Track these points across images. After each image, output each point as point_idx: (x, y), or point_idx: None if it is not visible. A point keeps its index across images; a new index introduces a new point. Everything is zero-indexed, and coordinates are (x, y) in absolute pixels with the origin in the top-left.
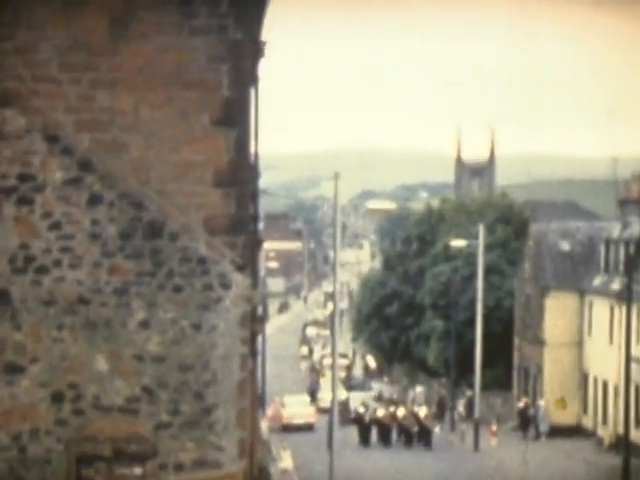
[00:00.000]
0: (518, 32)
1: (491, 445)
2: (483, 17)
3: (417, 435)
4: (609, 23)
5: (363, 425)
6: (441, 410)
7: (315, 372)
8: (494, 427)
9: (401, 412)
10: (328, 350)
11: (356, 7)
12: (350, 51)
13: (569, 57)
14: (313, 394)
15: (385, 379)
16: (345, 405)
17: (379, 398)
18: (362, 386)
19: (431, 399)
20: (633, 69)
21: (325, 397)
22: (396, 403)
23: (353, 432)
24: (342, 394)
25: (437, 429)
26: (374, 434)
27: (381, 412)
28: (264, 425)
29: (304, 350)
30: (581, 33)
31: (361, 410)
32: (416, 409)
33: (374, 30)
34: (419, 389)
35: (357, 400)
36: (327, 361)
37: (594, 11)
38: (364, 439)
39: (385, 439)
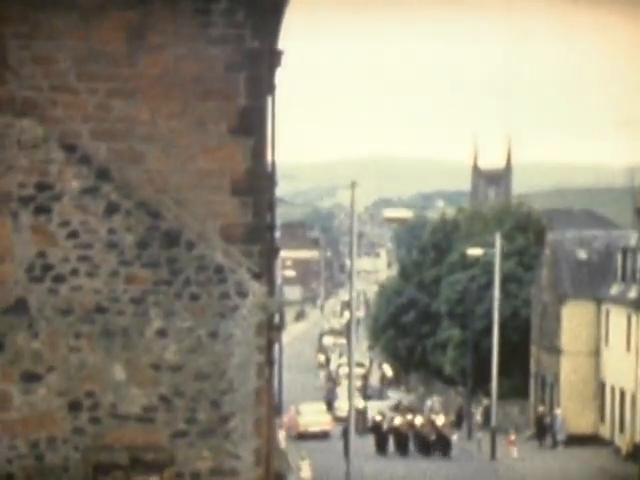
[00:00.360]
0: (534, 39)
1: (510, 454)
2: (501, 22)
3: (435, 444)
4: (625, 28)
5: (380, 434)
6: (459, 419)
7: (332, 381)
8: (512, 436)
9: (419, 420)
10: (345, 359)
11: (373, 15)
12: (367, 59)
13: (586, 64)
14: (330, 403)
15: (402, 388)
16: (362, 414)
17: (397, 407)
18: (379, 395)
19: (448, 408)
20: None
21: (342, 406)
22: (414, 411)
23: (370, 441)
24: (359, 403)
25: (455, 437)
26: (391, 443)
27: (398, 420)
28: (282, 434)
29: (321, 359)
30: (600, 38)
31: (378, 419)
32: (433, 417)
33: (391, 38)
34: (436, 398)
35: (374, 409)
36: (343, 370)
37: (608, 15)
38: (381, 448)
39: (402, 448)
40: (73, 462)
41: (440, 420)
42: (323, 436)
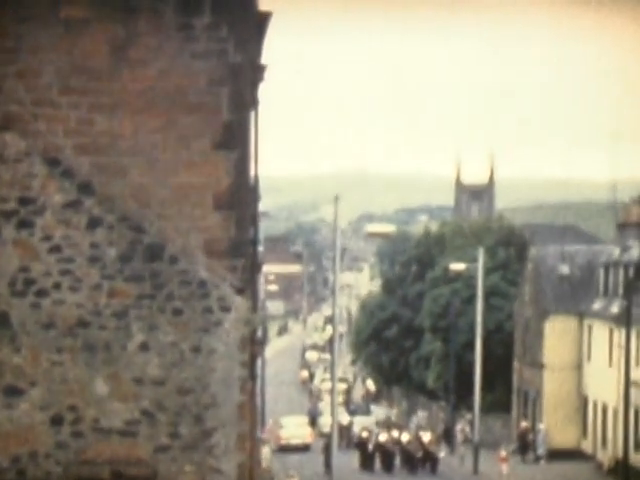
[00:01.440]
0: (517, 52)
1: (501, 471)
2: (485, 36)
3: (421, 460)
4: (613, 38)
5: (366, 450)
6: (447, 435)
7: (315, 396)
8: (504, 453)
9: (405, 437)
10: (328, 375)
11: (357, 29)
12: (350, 74)
13: (571, 78)
14: (314, 419)
15: (385, 403)
16: (347, 430)
17: (383, 423)
18: (364, 410)
19: (431, 422)
20: (633, 91)
21: (326, 422)
22: (400, 427)
23: (353, 457)
24: (345, 419)
25: (442, 454)
26: (377, 459)
27: (384, 437)
28: (267, 450)
29: (304, 374)
30: (582, 48)
31: (364, 435)
32: (420, 434)
33: (375, 53)
34: (422, 413)
35: (360, 425)
36: (325, 385)
37: (600, 26)
38: (367, 464)
39: (388, 464)
40: (55, 477)
41: (427, 437)
42: (304, 449)
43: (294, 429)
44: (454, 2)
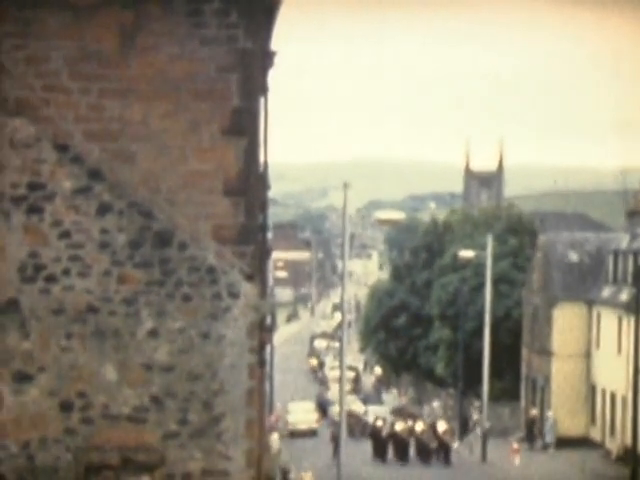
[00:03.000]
0: (527, 42)
1: (513, 462)
2: (492, 23)
3: (435, 451)
4: (620, 30)
5: (379, 440)
6: (465, 426)
7: (325, 384)
8: (516, 445)
9: (419, 427)
10: (337, 362)
11: (368, 17)
12: (360, 60)
13: (578, 67)
14: (324, 408)
15: (394, 391)
16: (360, 419)
17: (397, 411)
18: (376, 399)
19: (445, 412)
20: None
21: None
22: (414, 417)
23: (366, 446)
24: (359, 407)
25: (456, 445)
26: (391, 449)
27: (399, 426)
28: (275, 437)
29: (313, 362)
30: (591, 42)
31: (379, 424)
32: (436, 423)
33: (384, 39)
34: (437, 403)
35: (373, 413)
36: (333, 374)
37: (610, 17)
38: (380, 454)
39: (402, 455)
40: (64, 462)
41: (441, 426)
42: (311, 434)
43: (301, 414)
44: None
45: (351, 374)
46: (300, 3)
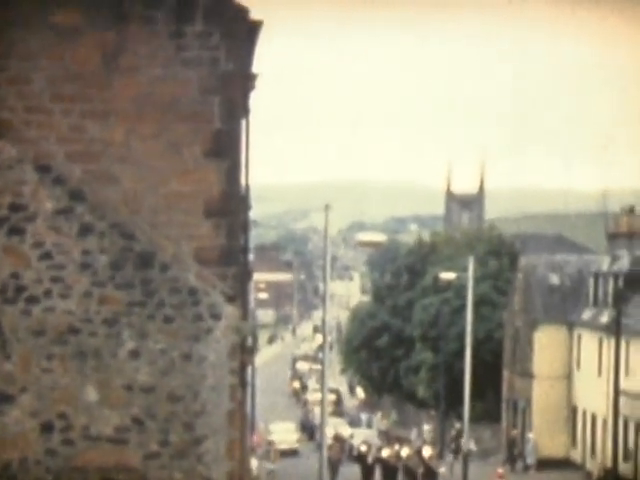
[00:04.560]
0: (506, 65)
1: None
2: (469, 46)
3: (422, 476)
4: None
5: (366, 465)
6: (457, 448)
7: (309, 407)
8: (501, 470)
9: (405, 452)
10: (318, 385)
11: (349, 36)
12: (341, 82)
13: (560, 89)
14: (311, 430)
15: (379, 414)
16: (344, 443)
17: (383, 435)
18: (364, 422)
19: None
20: (625, 101)
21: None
22: (401, 441)
23: (352, 470)
24: (345, 431)
25: (443, 470)
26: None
27: (386, 452)
28: (254, 462)
29: (296, 385)
30: (573, 57)
31: (363, 449)
32: (420, 448)
33: (366, 60)
34: (427, 427)
35: (360, 437)
36: (314, 396)
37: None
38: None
39: None
40: None
41: (427, 451)
42: (292, 454)
43: (282, 435)
44: (445, 6)
45: (332, 397)
46: (281, 25)
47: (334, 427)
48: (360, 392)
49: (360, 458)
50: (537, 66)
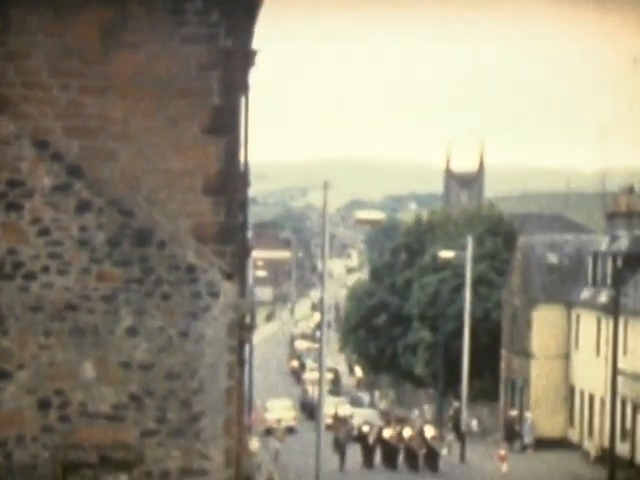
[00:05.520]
0: (511, 41)
1: (500, 470)
2: (479, 22)
3: (423, 458)
4: (605, 31)
5: (367, 445)
6: (457, 427)
7: (308, 386)
8: (502, 451)
9: (407, 432)
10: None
11: (349, 16)
12: (340, 60)
13: (563, 68)
14: (311, 410)
15: (377, 393)
16: (346, 422)
17: (385, 415)
18: (362, 402)
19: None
20: (625, 86)
21: (325, 413)
22: (402, 421)
23: (353, 451)
24: (345, 410)
25: (444, 451)
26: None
27: (388, 433)
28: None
29: (294, 364)
30: (581, 42)
31: (365, 429)
32: (423, 429)
33: (364, 38)
34: (427, 407)
35: (361, 417)
36: (311, 375)
37: (591, 20)
38: (368, 461)
39: (391, 462)
40: (42, 461)
41: (429, 432)
42: (289, 431)
43: (279, 412)
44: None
45: (329, 376)
46: (283, 2)
47: (335, 406)
48: (359, 371)
49: (361, 438)
50: (540, 50)
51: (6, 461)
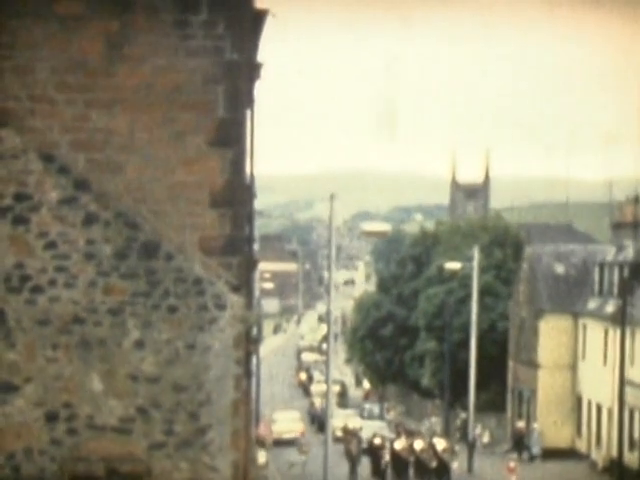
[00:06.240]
0: (513, 52)
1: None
2: (479, 33)
3: (434, 471)
4: (610, 42)
5: (378, 459)
6: (465, 438)
7: (316, 398)
8: (512, 464)
9: (418, 445)
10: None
11: (355, 26)
12: (347, 72)
13: (569, 77)
14: (320, 422)
15: (386, 405)
16: (356, 435)
17: (395, 427)
18: (373, 414)
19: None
20: (630, 93)
21: (337, 425)
22: (412, 433)
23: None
24: (355, 423)
25: (455, 465)
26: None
27: (399, 445)
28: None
29: (302, 376)
30: (587, 49)
31: (377, 442)
32: (434, 441)
33: (373, 50)
34: (435, 419)
35: (370, 429)
36: (318, 387)
37: (598, 27)
38: (378, 474)
39: (402, 475)
40: (50, 473)
41: (440, 444)
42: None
43: (286, 424)
44: (452, 2)
45: (336, 388)
46: (288, 15)
47: (344, 419)
48: (366, 383)
49: (371, 451)
50: (544, 56)
51: (14, 474)
